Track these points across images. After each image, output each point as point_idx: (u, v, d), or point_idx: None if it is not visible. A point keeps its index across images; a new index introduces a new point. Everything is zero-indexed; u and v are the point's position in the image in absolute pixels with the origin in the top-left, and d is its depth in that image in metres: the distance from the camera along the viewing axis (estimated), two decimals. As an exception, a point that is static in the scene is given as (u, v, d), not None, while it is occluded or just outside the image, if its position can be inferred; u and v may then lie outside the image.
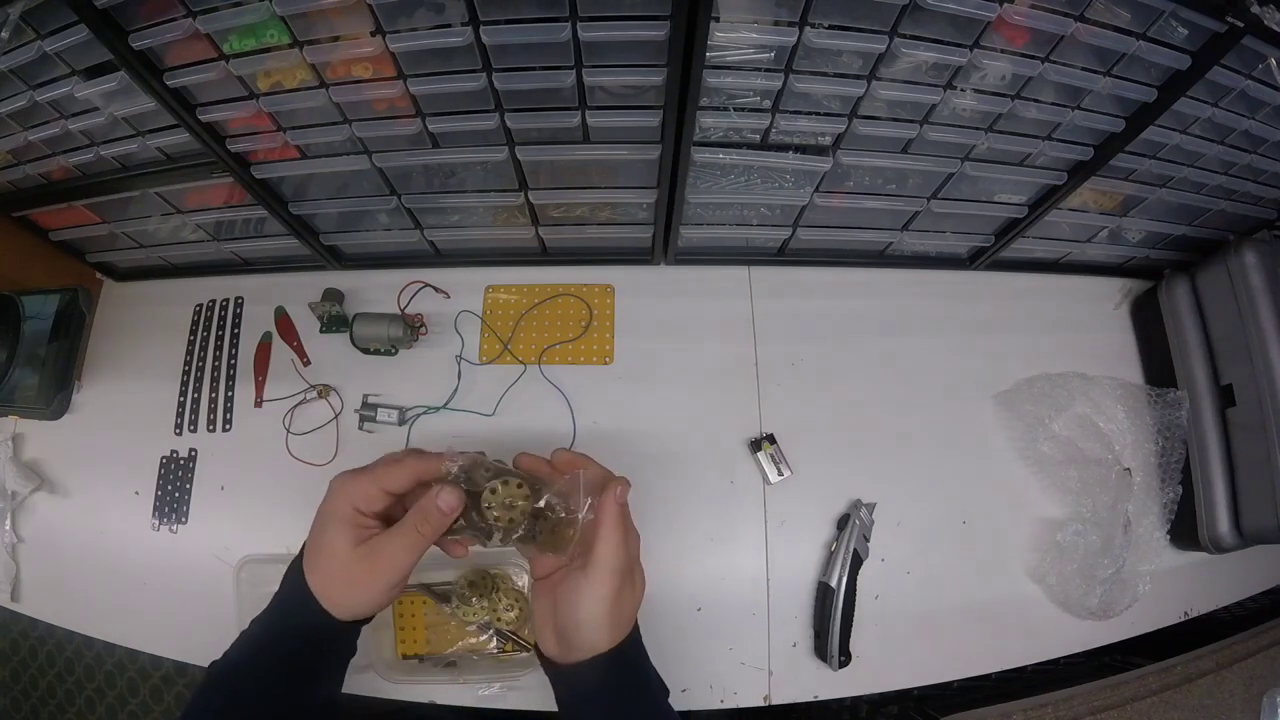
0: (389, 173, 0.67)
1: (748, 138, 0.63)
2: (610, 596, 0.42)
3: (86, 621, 0.75)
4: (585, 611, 0.42)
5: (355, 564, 0.43)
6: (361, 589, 0.43)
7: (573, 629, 0.43)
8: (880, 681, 0.72)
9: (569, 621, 0.43)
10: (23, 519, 0.78)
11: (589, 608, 0.42)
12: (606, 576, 0.42)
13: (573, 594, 0.43)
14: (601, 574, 0.42)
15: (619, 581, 0.43)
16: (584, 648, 0.43)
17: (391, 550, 0.43)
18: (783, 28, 0.51)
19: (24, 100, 0.59)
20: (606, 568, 0.42)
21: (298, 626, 0.44)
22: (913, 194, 0.72)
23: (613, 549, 0.43)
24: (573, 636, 0.43)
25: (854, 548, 0.71)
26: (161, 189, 0.70)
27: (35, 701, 1.57)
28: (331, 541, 0.43)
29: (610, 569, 0.42)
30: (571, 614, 0.43)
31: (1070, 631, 0.74)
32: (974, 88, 0.58)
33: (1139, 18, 0.52)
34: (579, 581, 0.43)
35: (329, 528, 0.44)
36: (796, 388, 0.79)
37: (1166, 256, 0.85)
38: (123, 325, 0.87)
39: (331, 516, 0.44)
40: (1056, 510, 0.77)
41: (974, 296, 0.86)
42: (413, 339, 0.80)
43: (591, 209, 0.74)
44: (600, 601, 0.42)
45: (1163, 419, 0.77)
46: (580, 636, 0.43)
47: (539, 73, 0.54)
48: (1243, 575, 0.79)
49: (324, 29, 0.52)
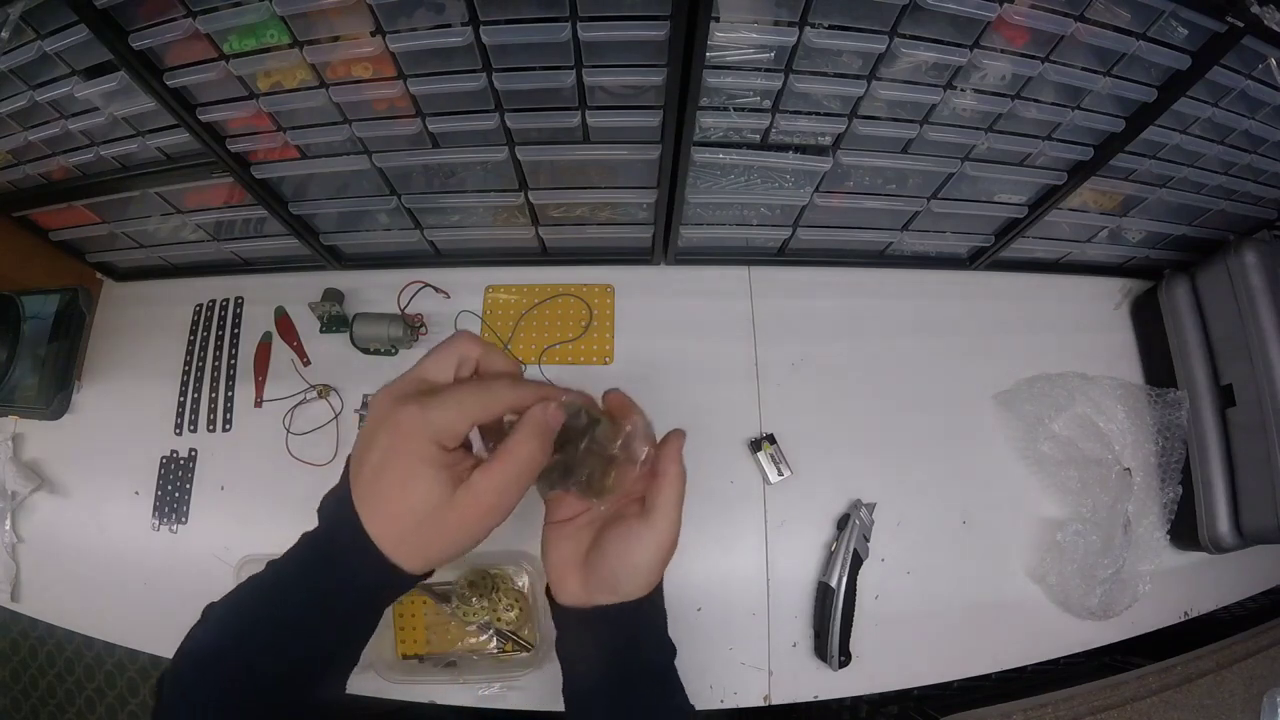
0: (389, 173, 0.67)
1: (748, 138, 0.63)
2: (668, 545, 0.42)
3: (86, 621, 0.75)
4: (641, 558, 0.42)
5: (451, 512, 0.36)
6: (457, 538, 0.37)
7: (624, 574, 0.43)
8: (880, 681, 0.72)
9: (621, 566, 0.42)
10: (23, 519, 0.78)
11: (646, 555, 0.42)
12: (669, 526, 0.42)
13: (629, 540, 0.42)
14: (665, 523, 0.42)
15: (677, 532, 0.43)
16: (625, 592, 0.43)
17: (505, 484, 0.37)
18: (783, 28, 0.51)
19: (24, 100, 0.59)
20: (669, 518, 0.42)
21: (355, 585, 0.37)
22: (913, 194, 0.72)
23: (677, 499, 0.43)
24: (619, 582, 0.43)
25: (854, 548, 0.71)
26: (161, 189, 0.70)
27: (35, 701, 1.57)
28: (414, 487, 0.35)
29: (673, 519, 0.42)
30: (625, 559, 0.42)
31: (1070, 631, 0.74)
32: (974, 88, 0.58)
33: (1139, 18, 0.52)
34: (638, 529, 0.42)
35: (407, 469, 0.35)
36: (796, 388, 0.79)
37: (1166, 256, 0.85)
38: (123, 325, 0.87)
39: (408, 458, 0.35)
40: (1056, 510, 0.77)
41: (974, 296, 0.86)
42: (413, 339, 0.80)
43: (591, 209, 0.74)
44: (659, 549, 0.42)
45: (1163, 419, 0.77)
46: (629, 582, 0.43)
47: (539, 73, 0.54)
48: (1243, 575, 0.79)
49: (324, 29, 0.52)
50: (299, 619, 0.37)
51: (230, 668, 0.36)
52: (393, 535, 0.35)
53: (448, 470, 0.36)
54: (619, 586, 0.43)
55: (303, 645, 0.37)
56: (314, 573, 0.37)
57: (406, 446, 0.35)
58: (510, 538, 0.72)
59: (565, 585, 0.44)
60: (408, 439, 0.35)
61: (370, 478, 0.36)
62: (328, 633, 0.37)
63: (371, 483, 0.36)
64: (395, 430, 0.36)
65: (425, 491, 0.35)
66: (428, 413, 0.36)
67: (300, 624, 0.37)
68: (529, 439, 0.37)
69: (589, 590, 0.43)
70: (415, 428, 0.35)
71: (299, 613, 0.37)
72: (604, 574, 0.43)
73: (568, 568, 0.44)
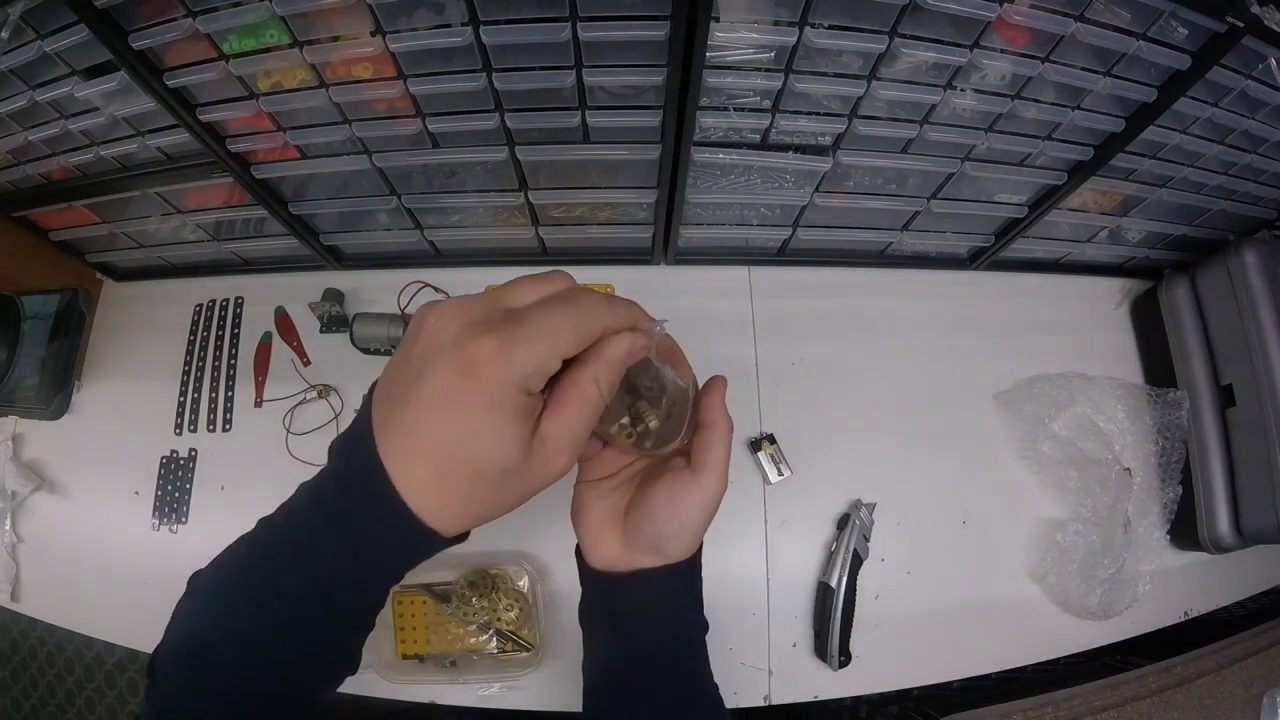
0: (389, 173, 0.67)
1: (748, 138, 0.63)
2: (717, 502, 0.39)
3: (86, 621, 0.75)
4: (690, 516, 0.38)
5: (527, 470, 0.30)
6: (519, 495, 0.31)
7: (671, 533, 0.39)
8: (880, 681, 0.72)
9: (668, 526, 0.38)
10: (23, 519, 0.78)
11: (695, 512, 0.38)
12: (720, 481, 0.38)
13: (679, 497, 0.38)
14: (715, 479, 0.38)
15: (725, 488, 0.39)
16: (669, 553, 0.40)
17: (576, 432, 0.31)
18: (783, 28, 0.51)
19: (24, 100, 0.59)
20: (720, 472, 0.38)
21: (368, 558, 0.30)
22: (913, 194, 0.72)
23: (727, 453, 0.39)
24: (664, 541, 0.39)
25: (854, 548, 0.71)
26: (161, 189, 0.70)
27: (35, 701, 1.57)
28: (487, 444, 0.28)
29: (724, 474, 0.39)
30: (674, 518, 0.38)
31: (1070, 631, 0.74)
32: (974, 88, 0.58)
33: (1139, 18, 0.52)
34: (687, 485, 0.38)
35: (480, 422, 0.28)
36: (796, 388, 0.79)
37: (1166, 256, 0.85)
38: (123, 325, 0.87)
39: (486, 405, 0.28)
40: (1056, 510, 0.77)
41: (974, 296, 0.86)
42: (413, 339, 0.79)
43: (591, 209, 0.74)
44: (709, 504, 0.38)
45: (1163, 419, 0.77)
46: (675, 542, 0.39)
47: (539, 73, 0.54)
48: (1243, 575, 0.79)
49: (324, 29, 0.52)
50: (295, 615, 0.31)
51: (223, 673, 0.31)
52: (437, 493, 0.29)
53: (530, 421, 0.29)
54: (664, 547, 0.39)
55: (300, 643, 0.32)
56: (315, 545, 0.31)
57: (482, 392, 0.28)
58: (510, 538, 0.72)
59: (601, 547, 0.40)
60: (485, 384, 0.28)
61: (415, 420, 0.28)
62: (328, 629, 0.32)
63: (416, 425, 0.28)
64: (468, 369, 0.28)
65: (503, 449, 0.28)
66: (513, 351, 0.28)
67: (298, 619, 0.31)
68: (606, 376, 0.31)
69: (629, 552, 0.40)
70: (498, 371, 0.28)
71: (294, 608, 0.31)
72: (648, 534, 0.39)
73: (604, 528, 0.40)
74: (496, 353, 0.28)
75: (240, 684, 0.31)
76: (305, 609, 0.31)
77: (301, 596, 0.31)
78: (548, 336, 0.29)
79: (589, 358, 0.31)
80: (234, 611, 0.31)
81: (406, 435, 0.28)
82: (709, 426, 0.39)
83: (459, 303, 0.30)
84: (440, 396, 0.28)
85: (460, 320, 0.29)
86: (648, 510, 0.39)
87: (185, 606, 0.33)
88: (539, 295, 0.31)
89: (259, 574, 0.32)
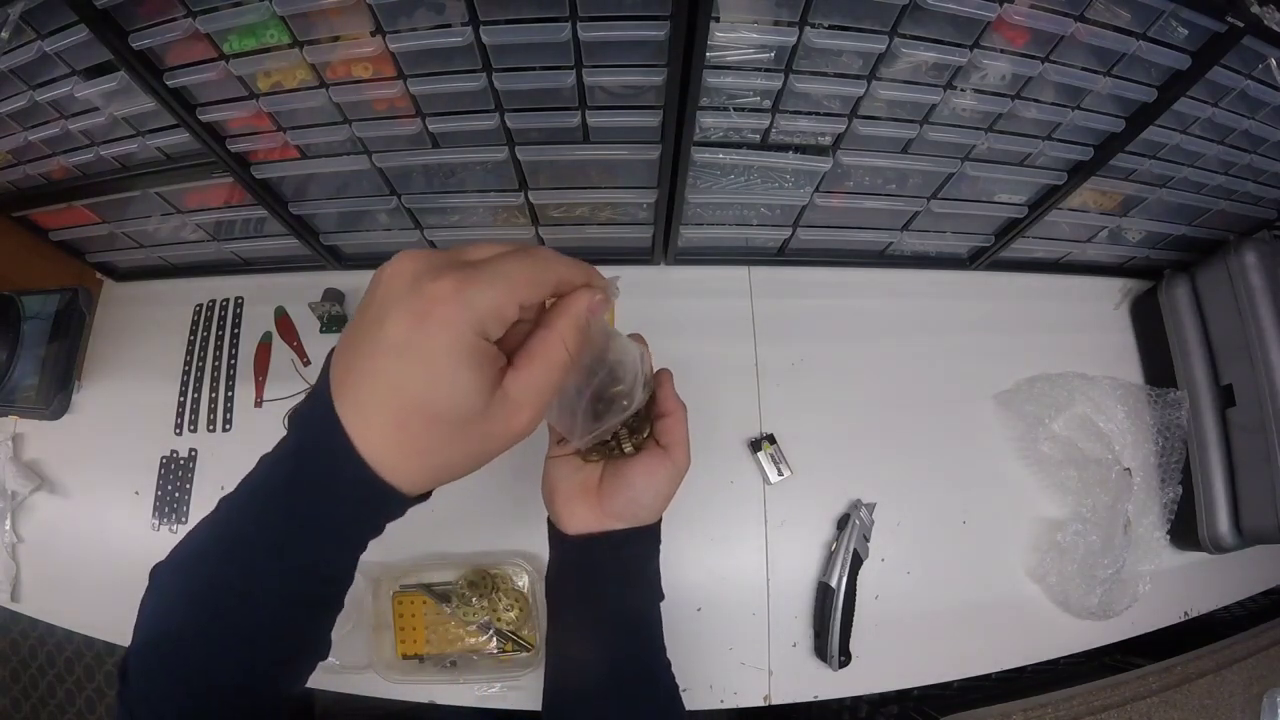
0: (389, 173, 0.67)
1: (748, 138, 0.63)
2: (685, 471, 0.44)
3: (86, 621, 0.75)
4: (667, 485, 0.43)
5: (485, 422, 0.29)
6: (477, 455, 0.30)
7: (646, 501, 0.43)
8: (880, 681, 0.72)
9: (644, 495, 0.43)
10: (23, 519, 0.78)
11: (671, 483, 0.43)
12: (686, 456, 0.43)
13: (653, 472, 0.43)
14: (683, 454, 0.43)
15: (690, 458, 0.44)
16: (642, 519, 0.44)
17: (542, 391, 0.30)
18: (783, 28, 0.51)
19: (24, 100, 0.59)
20: (686, 447, 0.44)
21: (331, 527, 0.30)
22: (913, 194, 0.72)
23: (687, 432, 0.44)
24: (640, 509, 0.43)
25: (854, 548, 0.71)
26: (161, 189, 0.70)
27: (35, 702, 1.57)
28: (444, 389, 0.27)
29: (688, 448, 0.44)
30: (650, 486, 0.43)
31: (1070, 631, 0.74)
32: (974, 88, 0.58)
33: (1139, 18, 0.52)
34: (662, 459, 0.43)
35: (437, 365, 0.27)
36: (796, 388, 0.79)
37: (1166, 256, 0.85)
38: (123, 325, 0.87)
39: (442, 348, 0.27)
40: (1056, 510, 0.77)
41: (974, 296, 0.86)
42: (413, 339, 0.80)
43: (591, 209, 0.74)
44: (679, 475, 0.43)
45: (1163, 419, 0.77)
46: (650, 509, 0.44)
47: (539, 73, 0.54)
48: (1243, 575, 0.79)
49: (324, 29, 0.52)
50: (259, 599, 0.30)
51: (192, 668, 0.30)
52: (395, 445, 0.28)
53: (490, 368, 0.29)
54: (639, 514, 0.43)
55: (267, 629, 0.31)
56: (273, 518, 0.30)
57: (438, 335, 0.27)
58: (510, 538, 0.72)
59: (575, 515, 0.43)
60: (441, 324, 0.27)
61: (372, 368, 0.27)
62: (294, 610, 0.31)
63: (373, 373, 0.27)
64: (424, 312, 0.27)
65: (461, 395, 0.28)
66: (469, 292, 0.27)
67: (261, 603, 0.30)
68: (570, 332, 0.31)
69: (604, 519, 0.43)
70: (454, 311, 0.27)
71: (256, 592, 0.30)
72: (622, 502, 0.43)
73: (577, 499, 0.44)
74: (453, 294, 0.27)
75: (210, 678, 0.30)
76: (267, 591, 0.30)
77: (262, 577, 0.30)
78: (504, 280, 0.29)
79: (552, 318, 0.32)
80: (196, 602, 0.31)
81: (363, 385, 0.28)
82: (670, 414, 0.43)
83: (416, 252, 0.29)
84: (397, 341, 0.27)
85: (418, 266, 0.29)
86: (625, 481, 0.43)
87: (149, 603, 0.32)
88: (497, 251, 0.31)
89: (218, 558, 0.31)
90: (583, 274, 0.33)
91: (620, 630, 0.45)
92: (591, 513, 0.43)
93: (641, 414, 0.43)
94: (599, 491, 0.44)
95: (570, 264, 0.33)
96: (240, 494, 0.31)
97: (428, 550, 0.73)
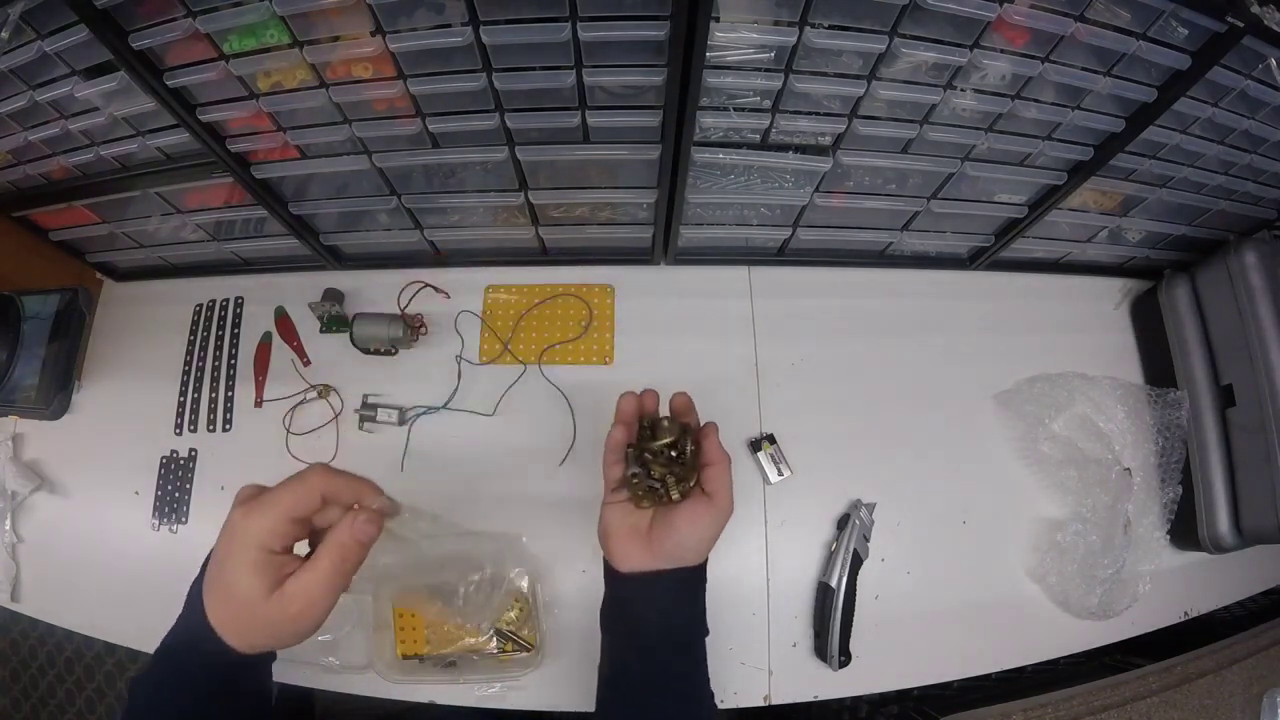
0: (389, 173, 0.67)
1: (748, 138, 0.63)
2: (728, 517, 0.50)
3: (86, 621, 0.75)
4: (710, 530, 0.49)
5: (269, 609, 0.40)
6: (277, 633, 0.42)
7: (692, 545, 0.49)
8: (880, 681, 0.72)
9: (690, 540, 0.49)
10: (23, 519, 0.78)
11: (714, 528, 0.49)
12: (730, 504, 0.50)
13: (698, 519, 0.49)
14: (727, 502, 0.49)
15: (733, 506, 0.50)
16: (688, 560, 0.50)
17: (312, 593, 0.41)
18: (783, 28, 0.51)
19: (24, 100, 0.59)
20: (730, 495, 0.50)
21: (202, 659, 0.41)
22: (913, 194, 0.72)
23: (730, 480, 0.50)
24: (686, 552, 0.49)
25: (854, 548, 0.71)
26: (161, 189, 0.70)
27: (35, 702, 1.57)
28: (237, 586, 0.40)
29: (731, 497, 0.50)
30: (693, 534, 0.49)
31: (1070, 631, 0.74)
32: (974, 88, 0.58)
33: (1139, 18, 0.52)
34: (706, 508, 0.49)
35: (233, 570, 0.40)
36: (796, 388, 0.79)
37: (1166, 256, 0.85)
38: (123, 325, 0.87)
39: (235, 560, 0.40)
40: (1056, 510, 0.77)
41: (974, 296, 0.86)
42: (413, 339, 0.80)
43: (591, 209, 0.74)
44: (722, 522, 0.49)
45: (1163, 419, 0.77)
46: (696, 551, 0.50)
47: (539, 73, 0.54)
48: (1243, 575, 0.79)
49: (324, 29, 0.52)
50: (176, 688, 0.42)
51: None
52: (224, 623, 0.41)
53: (268, 573, 0.40)
54: (685, 556, 0.49)
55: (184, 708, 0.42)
56: (174, 645, 0.43)
57: (235, 550, 0.40)
58: (512, 539, 0.72)
59: (628, 555, 0.50)
60: (236, 543, 0.41)
61: (212, 573, 0.42)
62: (188, 699, 0.42)
63: (211, 578, 0.42)
64: (228, 534, 0.41)
65: (248, 594, 0.40)
66: (249, 519, 0.41)
67: (176, 693, 0.42)
68: (331, 555, 0.41)
69: (654, 560, 0.49)
70: (241, 531, 0.41)
71: (175, 685, 0.42)
72: (670, 545, 0.49)
73: (629, 541, 0.50)
74: (239, 523, 0.41)
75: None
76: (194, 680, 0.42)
77: (194, 688, 0.42)
78: (273, 506, 0.41)
79: (324, 542, 0.42)
80: (158, 677, 0.43)
81: (211, 584, 0.42)
82: (714, 463, 0.50)
83: (245, 488, 0.44)
84: (220, 557, 0.41)
85: (236, 500, 0.43)
86: (672, 528, 0.49)
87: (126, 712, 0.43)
88: (283, 482, 0.43)
89: (169, 666, 0.43)
90: (351, 491, 0.44)
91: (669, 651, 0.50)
92: (642, 554, 0.50)
93: (688, 463, 0.50)
94: (649, 535, 0.50)
95: (338, 481, 0.43)
96: (167, 638, 0.43)
97: (428, 551, 0.73)
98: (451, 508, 0.75)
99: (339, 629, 0.70)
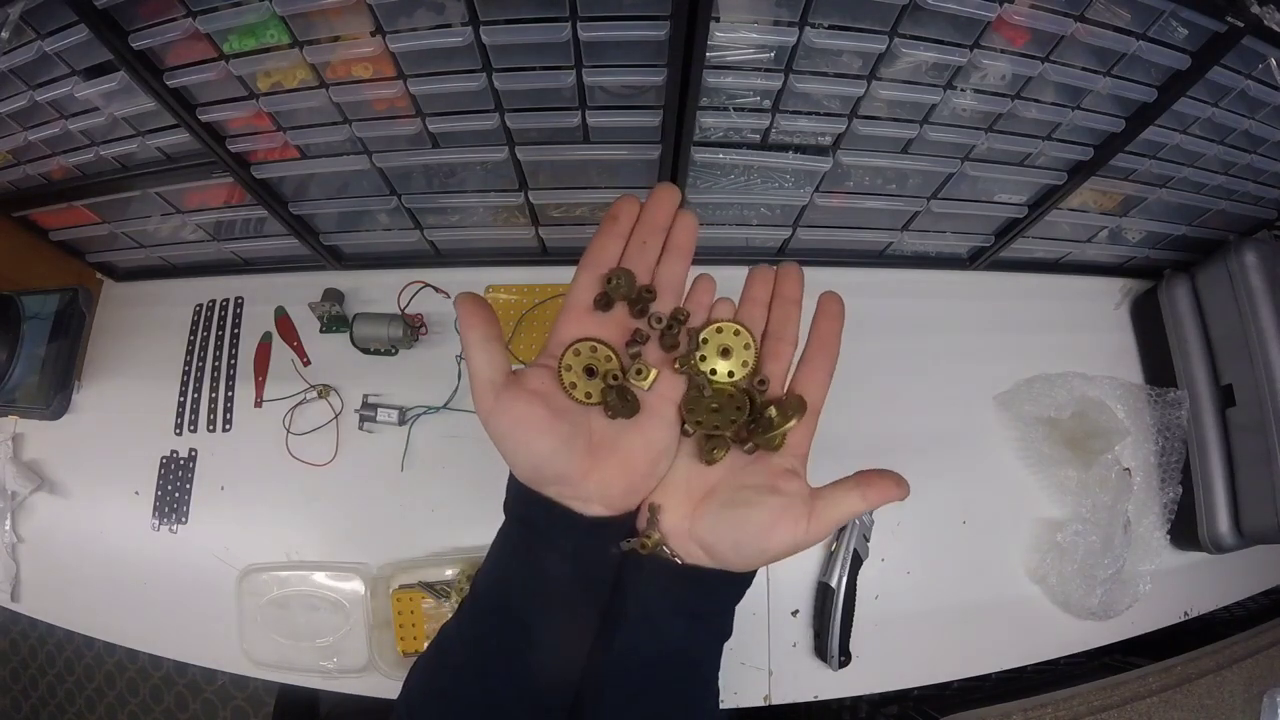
0: (389, 173, 0.67)
1: (748, 138, 0.63)
2: (811, 546, 0.40)
3: (86, 621, 0.75)
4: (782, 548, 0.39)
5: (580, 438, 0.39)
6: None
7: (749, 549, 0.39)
8: (880, 681, 0.72)
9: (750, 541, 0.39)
10: (23, 519, 0.78)
11: (789, 549, 0.39)
12: (828, 535, 0.41)
13: (781, 527, 0.39)
14: (825, 531, 0.39)
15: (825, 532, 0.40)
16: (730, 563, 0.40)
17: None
18: (783, 28, 0.51)
19: (24, 100, 0.59)
20: (833, 528, 0.40)
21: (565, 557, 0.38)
22: (913, 194, 0.72)
23: (849, 513, 0.40)
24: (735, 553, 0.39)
25: (854, 548, 0.71)
26: (161, 189, 0.70)
27: (35, 702, 1.57)
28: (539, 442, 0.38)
29: (832, 530, 0.41)
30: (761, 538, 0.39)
31: (1070, 631, 0.74)
32: (974, 88, 0.58)
33: (1139, 18, 0.52)
34: (797, 520, 0.39)
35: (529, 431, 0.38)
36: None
37: (1166, 256, 0.85)
38: (123, 325, 0.87)
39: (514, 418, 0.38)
40: (1056, 510, 0.77)
41: (974, 296, 0.86)
42: (413, 339, 0.80)
43: (592, 209, 0.74)
44: (803, 547, 0.39)
45: (1163, 419, 0.77)
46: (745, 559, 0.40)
47: (539, 73, 0.54)
48: (1243, 575, 0.79)
49: (324, 29, 0.52)
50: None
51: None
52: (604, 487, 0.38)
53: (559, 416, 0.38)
54: (727, 557, 0.39)
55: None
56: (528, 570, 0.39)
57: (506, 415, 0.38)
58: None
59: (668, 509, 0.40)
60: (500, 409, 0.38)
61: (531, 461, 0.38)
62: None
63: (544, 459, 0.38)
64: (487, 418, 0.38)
65: (549, 439, 0.37)
66: (477, 371, 0.38)
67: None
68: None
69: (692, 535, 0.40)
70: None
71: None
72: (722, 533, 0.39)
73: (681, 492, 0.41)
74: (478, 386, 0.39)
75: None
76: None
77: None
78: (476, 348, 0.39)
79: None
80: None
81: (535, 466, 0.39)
82: (869, 484, 0.41)
83: None
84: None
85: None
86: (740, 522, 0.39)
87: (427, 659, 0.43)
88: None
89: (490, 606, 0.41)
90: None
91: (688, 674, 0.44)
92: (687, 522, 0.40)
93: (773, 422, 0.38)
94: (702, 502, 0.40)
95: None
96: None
97: (426, 548, 0.73)
98: (449, 505, 0.75)
99: (339, 628, 0.70)
